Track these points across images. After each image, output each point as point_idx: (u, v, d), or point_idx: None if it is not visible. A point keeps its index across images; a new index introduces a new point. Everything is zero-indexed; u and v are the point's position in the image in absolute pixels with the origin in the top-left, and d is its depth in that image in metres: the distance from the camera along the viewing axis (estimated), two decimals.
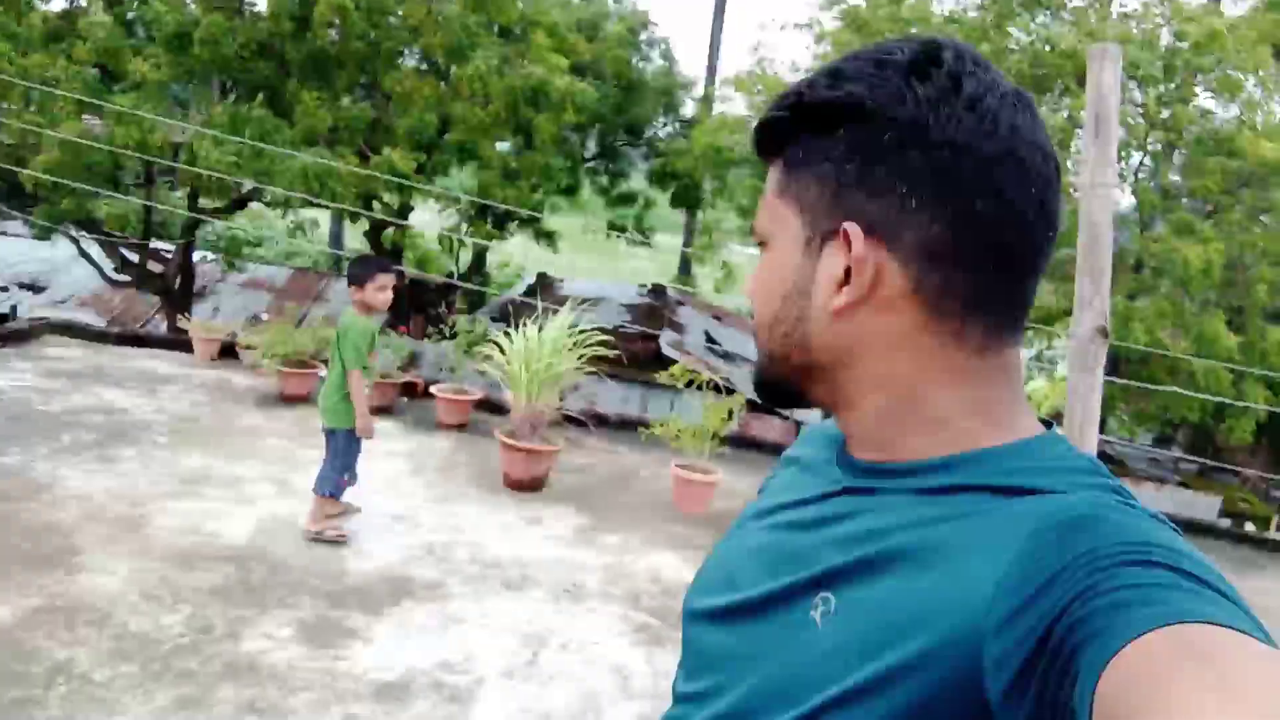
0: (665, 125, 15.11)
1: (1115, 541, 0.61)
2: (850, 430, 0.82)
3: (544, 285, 15.32)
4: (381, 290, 4.63)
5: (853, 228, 0.74)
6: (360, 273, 4.67)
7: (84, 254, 10.77)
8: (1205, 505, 10.25)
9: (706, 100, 14.80)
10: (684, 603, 0.91)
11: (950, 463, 0.75)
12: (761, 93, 11.95)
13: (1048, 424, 0.80)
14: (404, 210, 10.71)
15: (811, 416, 8.98)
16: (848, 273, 0.75)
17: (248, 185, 8.77)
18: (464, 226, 10.30)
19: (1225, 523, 9.81)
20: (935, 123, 0.72)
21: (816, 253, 0.77)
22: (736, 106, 13.30)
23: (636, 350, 10.72)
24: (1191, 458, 12.32)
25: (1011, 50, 9.90)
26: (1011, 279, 0.76)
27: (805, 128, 0.77)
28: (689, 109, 15.30)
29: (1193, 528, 8.47)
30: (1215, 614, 0.54)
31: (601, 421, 7.60)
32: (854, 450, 0.82)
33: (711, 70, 19.24)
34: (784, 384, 0.84)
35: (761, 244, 0.83)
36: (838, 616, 0.72)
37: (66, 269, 13.24)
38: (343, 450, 4.75)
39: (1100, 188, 2.48)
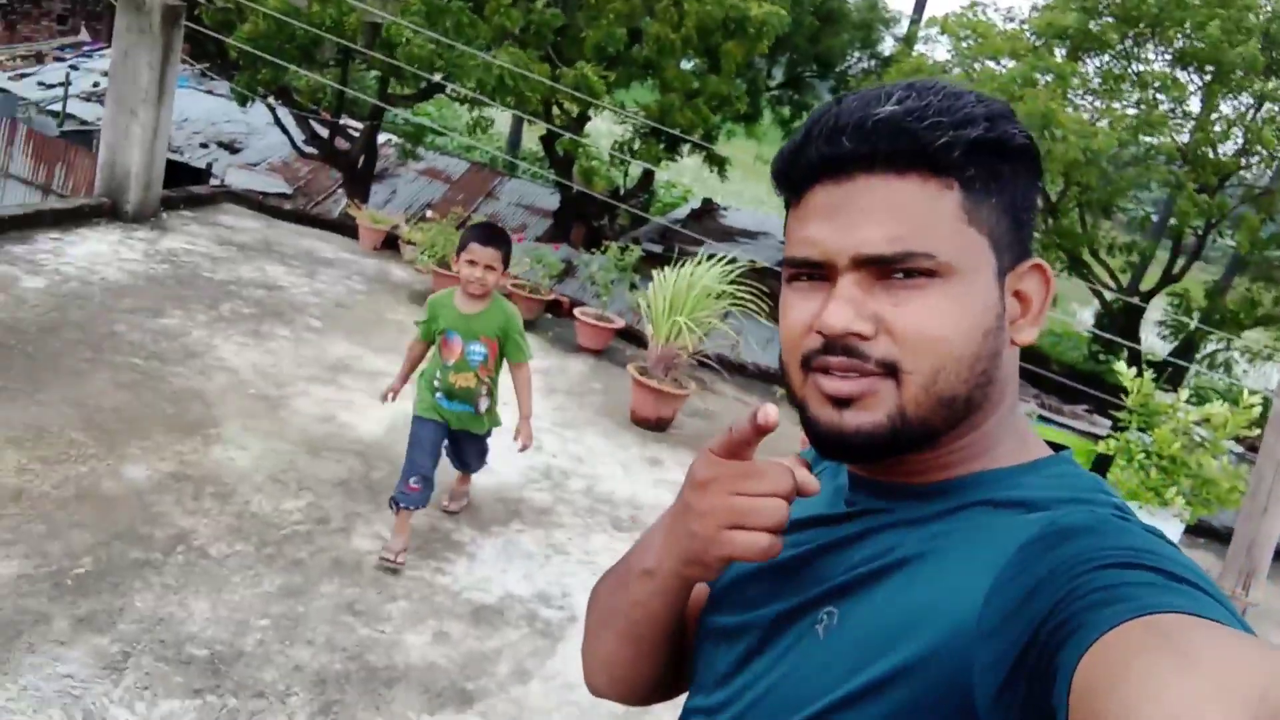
0: (860, 61, 14.40)
1: (1100, 547, 0.62)
2: (916, 459, 0.79)
3: (707, 210, 15.10)
4: (470, 265, 3.63)
5: (1043, 263, 0.80)
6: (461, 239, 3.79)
7: (278, 122, 11.21)
8: None
9: (908, 40, 14.03)
10: (700, 619, 0.92)
11: (974, 481, 0.77)
12: (969, 38, 11.23)
13: (1057, 448, 0.81)
14: (582, 119, 10.65)
15: None
16: (1016, 300, 0.78)
17: (437, 76, 8.91)
18: (636, 143, 10.16)
19: None
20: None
21: (1001, 285, 0.77)
22: (938, 51, 12.57)
23: None
24: None
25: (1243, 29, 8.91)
26: None
27: (979, 159, 0.74)
28: (888, 46, 14.55)
29: None
30: (1187, 605, 0.56)
31: (739, 368, 7.44)
32: (879, 473, 0.81)
33: (920, 7, 18.16)
34: (929, 432, 0.76)
35: (926, 271, 0.74)
36: (839, 627, 0.75)
37: (262, 134, 13.84)
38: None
39: None
